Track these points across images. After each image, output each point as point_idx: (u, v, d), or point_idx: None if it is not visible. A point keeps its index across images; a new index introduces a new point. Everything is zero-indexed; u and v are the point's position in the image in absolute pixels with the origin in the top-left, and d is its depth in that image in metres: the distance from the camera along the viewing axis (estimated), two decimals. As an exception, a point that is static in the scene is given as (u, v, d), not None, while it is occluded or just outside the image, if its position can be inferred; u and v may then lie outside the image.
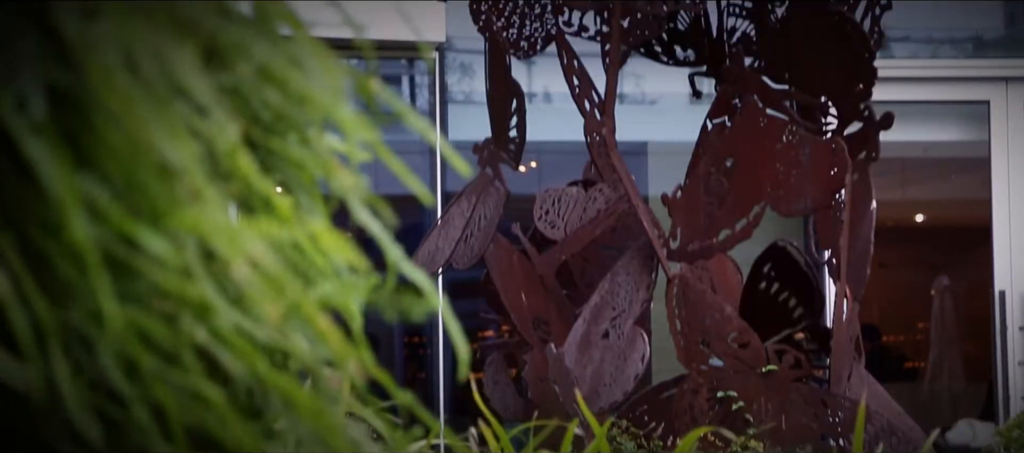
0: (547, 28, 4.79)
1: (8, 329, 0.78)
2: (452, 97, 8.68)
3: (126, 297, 0.83)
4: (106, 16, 0.80)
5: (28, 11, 0.78)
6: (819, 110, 4.40)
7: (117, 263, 0.81)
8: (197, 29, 0.91)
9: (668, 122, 8.78)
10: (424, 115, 8.42)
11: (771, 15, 4.56)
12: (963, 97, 8.40)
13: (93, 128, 0.79)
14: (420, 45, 7.56)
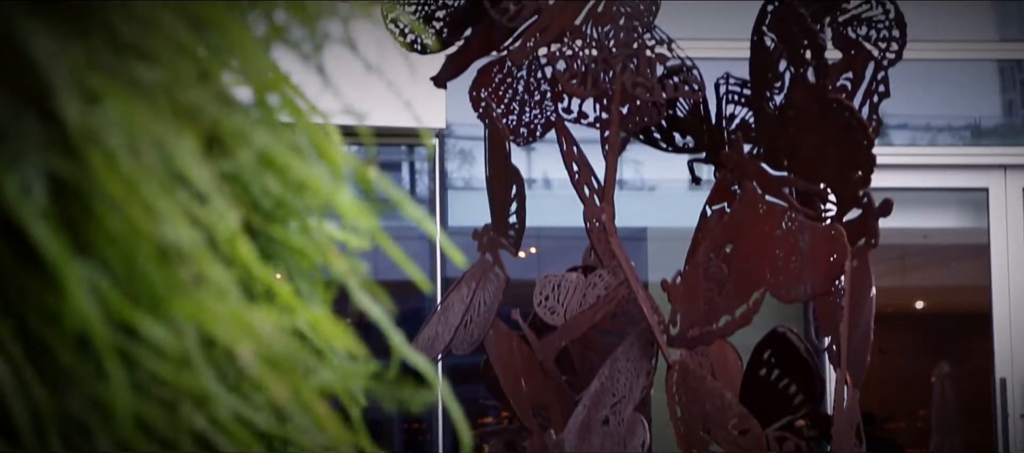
0: (546, 115, 4.81)
1: (7, 416, 0.77)
2: (452, 183, 8.70)
3: (126, 384, 0.83)
4: (108, 103, 0.81)
5: (30, 97, 0.79)
6: (818, 197, 4.41)
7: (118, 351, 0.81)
8: (198, 116, 0.92)
9: (667, 208, 8.80)
10: (424, 201, 8.43)
11: (770, 102, 4.59)
12: (962, 184, 8.42)
13: (93, 215, 0.79)
14: (420, 132, 7.59)
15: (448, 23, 4.69)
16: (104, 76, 0.82)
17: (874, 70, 4.59)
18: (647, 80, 4.51)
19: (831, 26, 4.63)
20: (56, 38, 0.81)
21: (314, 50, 1.16)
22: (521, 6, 4.40)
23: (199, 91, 0.93)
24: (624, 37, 4.50)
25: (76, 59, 0.81)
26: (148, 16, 0.90)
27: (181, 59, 0.93)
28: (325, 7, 1.15)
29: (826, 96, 4.25)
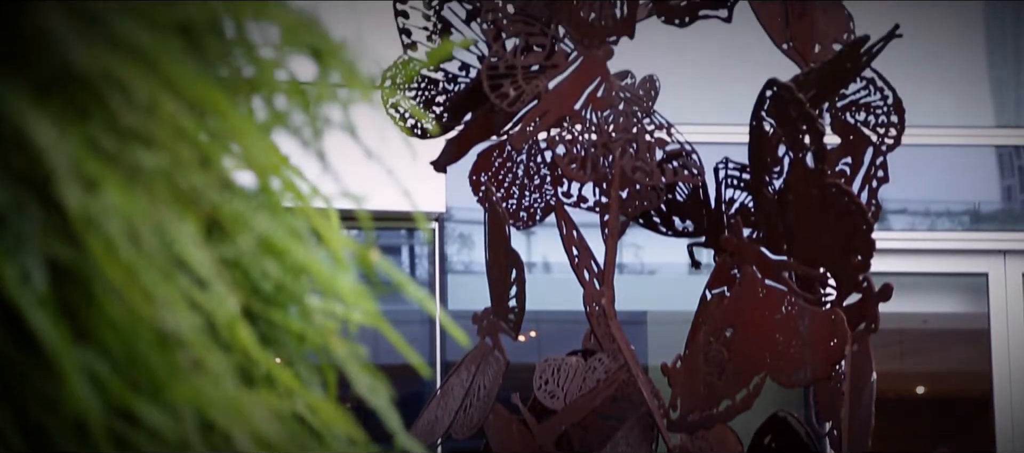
0: (546, 199, 4.82)
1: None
2: (452, 267, 8.70)
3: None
4: (108, 189, 0.81)
5: (30, 183, 0.79)
6: (818, 281, 4.41)
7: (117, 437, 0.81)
8: (199, 201, 0.92)
9: (667, 292, 8.79)
10: (424, 284, 8.43)
11: (769, 187, 4.60)
12: (961, 269, 8.42)
13: (94, 301, 0.79)
14: (417, 218, 7.59)
15: (448, 108, 4.71)
16: (104, 162, 0.82)
17: (873, 155, 4.60)
18: (646, 164, 4.52)
19: (830, 111, 4.65)
20: (57, 124, 0.81)
21: (314, 135, 1.17)
22: (521, 91, 4.42)
23: (200, 176, 0.94)
24: (624, 122, 4.52)
25: (76, 145, 0.81)
26: (149, 101, 0.90)
27: (182, 144, 0.93)
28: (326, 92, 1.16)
29: (825, 181, 4.26)
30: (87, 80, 0.84)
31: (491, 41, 4.43)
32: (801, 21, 4.65)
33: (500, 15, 4.42)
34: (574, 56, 4.51)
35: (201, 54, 1.04)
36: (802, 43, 4.65)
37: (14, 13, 0.80)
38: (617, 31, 4.47)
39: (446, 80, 4.72)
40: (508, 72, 4.41)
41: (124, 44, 0.86)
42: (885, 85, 4.63)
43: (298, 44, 1.12)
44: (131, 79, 0.86)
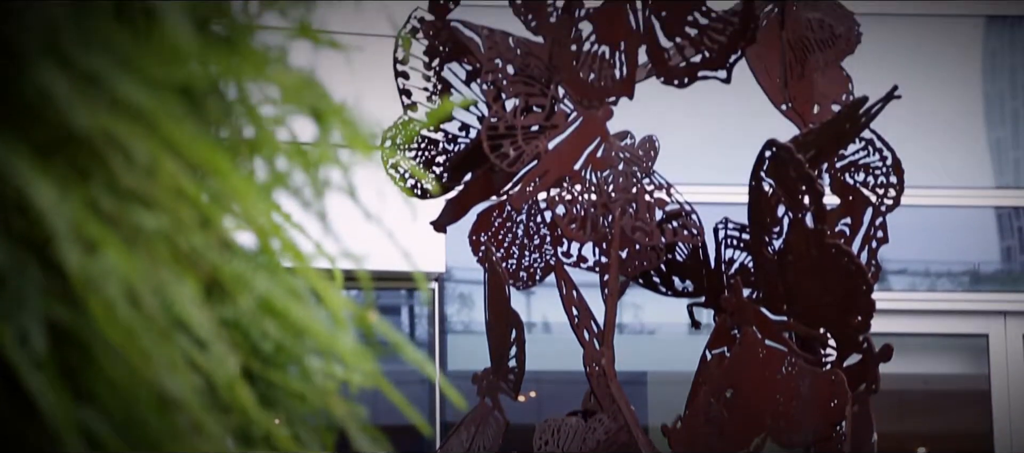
0: (546, 259, 4.82)
1: None
2: (451, 327, 8.69)
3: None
4: (108, 251, 0.81)
5: (30, 245, 0.79)
6: (818, 342, 4.40)
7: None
8: (199, 262, 0.92)
9: (667, 352, 8.78)
10: (423, 344, 8.42)
11: (769, 247, 4.60)
12: (962, 330, 8.41)
13: (93, 363, 0.79)
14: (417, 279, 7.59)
15: (448, 168, 4.72)
16: (104, 223, 0.83)
17: (872, 215, 4.60)
18: (646, 224, 4.52)
19: (829, 172, 4.65)
20: (57, 185, 0.81)
21: (315, 196, 1.17)
22: (520, 151, 4.43)
23: (200, 237, 0.94)
24: (623, 182, 4.53)
25: (77, 206, 0.81)
26: (149, 162, 0.90)
27: (182, 205, 0.94)
28: (326, 152, 1.16)
29: (825, 241, 4.26)
30: (88, 141, 0.84)
31: (491, 101, 4.45)
32: (800, 82, 4.67)
33: (500, 75, 4.43)
34: (574, 116, 4.52)
35: (202, 115, 1.04)
36: (801, 104, 4.67)
37: (15, 75, 0.80)
38: (616, 91, 4.48)
39: (446, 140, 4.73)
40: (508, 132, 4.42)
41: (125, 105, 0.86)
42: (884, 146, 4.64)
43: (298, 104, 1.12)
44: (132, 140, 0.86)
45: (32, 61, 0.80)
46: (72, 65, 0.82)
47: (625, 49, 4.43)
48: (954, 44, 9.27)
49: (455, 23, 4.54)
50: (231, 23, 1.13)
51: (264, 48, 1.14)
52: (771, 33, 4.64)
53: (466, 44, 4.54)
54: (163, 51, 0.87)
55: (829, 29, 4.78)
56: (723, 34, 4.38)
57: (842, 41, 4.80)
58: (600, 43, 4.43)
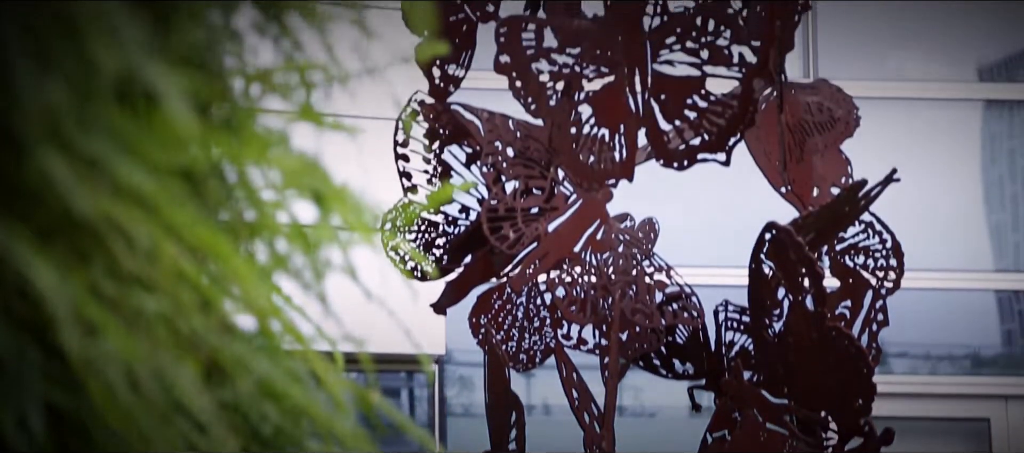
0: (546, 341, 4.81)
1: None
2: (451, 409, 8.66)
3: None
4: (108, 335, 0.81)
5: (30, 330, 0.79)
6: (819, 425, 4.39)
7: None
8: (199, 345, 0.92)
9: (668, 435, 8.74)
10: (423, 427, 8.38)
11: (769, 330, 4.59)
12: (963, 414, 8.38)
13: (93, 446, 0.79)
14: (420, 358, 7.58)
15: (448, 250, 4.72)
16: (105, 307, 0.83)
17: (872, 298, 4.60)
18: (646, 307, 4.52)
19: (829, 254, 4.66)
20: (58, 269, 0.81)
21: (315, 278, 1.17)
22: (520, 233, 4.43)
23: (200, 320, 0.94)
24: (623, 264, 4.53)
25: (77, 290, 0.81)
26: (150, 246, 0.90)
27: (182, 288, 0.94)
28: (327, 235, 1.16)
29: (825, 324, 4.26)
30: (89, 225, 0.84)
31: (491, 184, 4.46)
32: (799, 165, 4.68)
33: (500, 158, 4.44)
34: (574, 199, 4.53)
35: (203, 198, 1.04)
36: (800, 186, 4.68)
37: (17, 160, 0.81)
38: (616, 174, 4.49)
39: (446, 222, 4.74)
40: (508, 215, 4.42)
41: (126, 189, 0.86)
42: (884, 228, 4.65)
43: (299, 187, 1.12)
44: (132, 224, 0.86)
45: (34, 146, 0.81)
46: (73, 150, 0.82)
47: (625, 132, 4.44)
48: (953, 128, 9.31)
49: (455, 106, 4.56)
50: (233, 106, 1.14)
51: (266, 131, 1.14)
52: (770, 116, 4.66)
53: (466, 127, 4.56)
54: (164, 135, 0.88)
55: (828, 112, 4.81)
56: (722, 117, 4.40)
57: (841, 124, 4.82)
58: (600, 126, 4.45)
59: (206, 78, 1.02)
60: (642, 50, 4.42)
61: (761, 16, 4.35)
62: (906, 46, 9.41)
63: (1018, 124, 9.37)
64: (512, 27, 4.33)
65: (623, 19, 4.40)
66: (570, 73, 4.37)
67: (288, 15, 1.14)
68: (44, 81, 0.81)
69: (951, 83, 9.31)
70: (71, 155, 0.83)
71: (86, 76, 0.82)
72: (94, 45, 0.80)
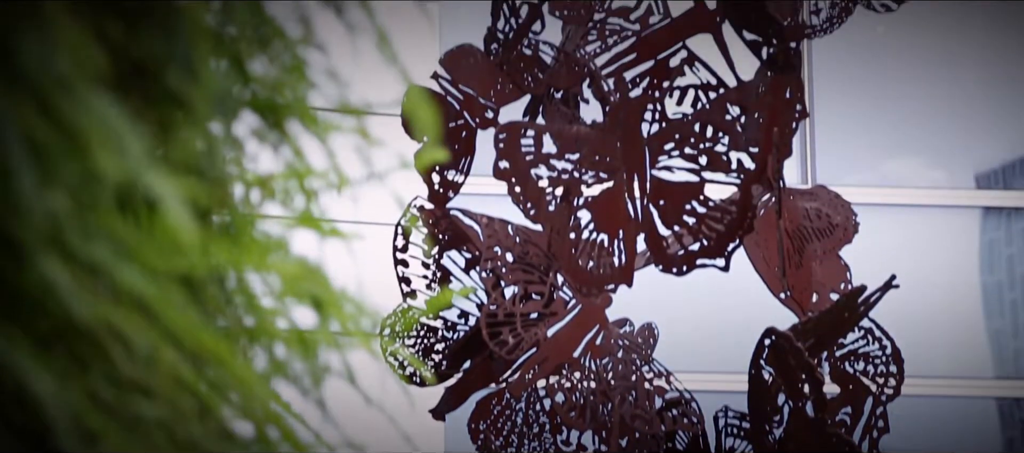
0: (546, 447, 4.79)
1: None
2: (449, 516, 8.59)
3: None
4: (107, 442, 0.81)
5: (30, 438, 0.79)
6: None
7: None
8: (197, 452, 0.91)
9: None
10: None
11: (769, 435, 4.58)
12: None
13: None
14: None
15: (447, 356, 4.71)
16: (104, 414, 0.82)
17: (873, 405, 4.58)
18: (646, 413, 4.51)
19: (829, 360, 4.65)
20: (57, 377, 0.81)
21: (314, 384, 1.17)
22: (520, 339, 4.43)
23: (198, 427, 0.93)
24: (622, 369, 4.52)
25: (77, 397, 0.81)
26: (149, 352, 0.91)
27: (181, 394, 0.93)
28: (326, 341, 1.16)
29: (825, 431, 4.24)
30: (88, 332, 0.84)
31: (490, 289, 4.46)
32: (798, 271, 4.68)
33: (499, 263, 4.45)
34: (573, 304, 4.53)
35: (202, 304, 1.05)
36: (799, 292, 4.68)
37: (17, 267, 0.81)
38: (615, 280, 4.49)
39: (445, 328, 4.73)
40: (507, 320, 4.42)
41: (126, 295, 0.87)
42: (883, 335, 4.64)
43: (298, 293, 1.13)
44: (132, 330, 0.86)
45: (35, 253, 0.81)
46: (74, 257, 0.83)
47: (624, 237, 4.45)
48: (951, 234, 9.33)
49: (454, 211, 4.57)
50: (233, 213, 1.14)
51: (265, 237, 1.15)
52: (769, 222, 4.67)
53: (465, 232, 4.57)
54: (165, 241, 0.88)
55: (826, 218, 4.82)
56: (721, 223, 4.41)
57: (840, 230, 4.83)
58: (599, 231, 4.46)
59: (206, 185, 1.03)
60: (641, 156, 4.45)
61: (759, 123, 4.37)
62: (904, 153, 9.45)
63: (1016, 231, 9.40)
64: (511, 133, 4.35)
65: (622, 125, 4.42)
66: (569, 179, 4.39)
67: (288, 122, 1.15)
68: (46, 189, 0.81)
69: (949, 190, 9.35)
70: (72, 262, 0.83)
71: (88, 184, 0.83)
72: (96, 153, 0.81)
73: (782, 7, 4.60)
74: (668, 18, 4.53)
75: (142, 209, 0.91)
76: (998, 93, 9.44)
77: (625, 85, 4.53)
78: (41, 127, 0.81)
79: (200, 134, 1.03)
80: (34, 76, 0.80)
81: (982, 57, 9.47)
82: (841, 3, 4.81)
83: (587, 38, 4.52)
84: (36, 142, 0.82)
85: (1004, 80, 9.45)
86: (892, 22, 6.39)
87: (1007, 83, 9.44)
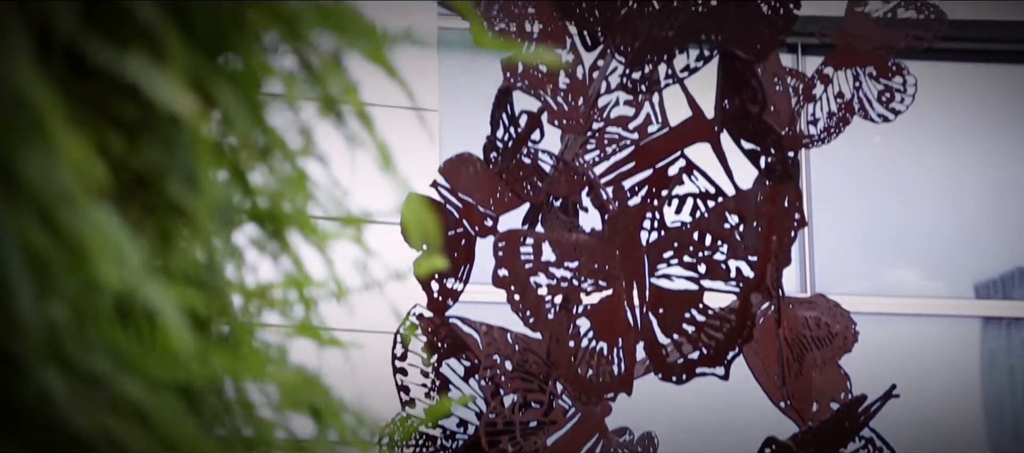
0: None
1: None
2: None
3: None
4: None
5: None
6: None
7: None
8: None
9: None
10: None
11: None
12: None
13: None
14: None
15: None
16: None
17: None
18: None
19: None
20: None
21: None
22: (519, 447, 4.41)
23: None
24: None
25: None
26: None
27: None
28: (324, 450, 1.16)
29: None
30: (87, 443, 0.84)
31: (489, 398, 4.45)
32: (798, 380, 4.68)
33: (498, 371, 4.44)
34: (572, 412, 4.52)
35: (201, 414, 1.04)
36: (799, 401, 4.67)
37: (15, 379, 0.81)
38: (615, 388, 4.48)
39: (444, 437, 4.72)
40: (506, 428, 4.41)
41: (124, 406, 0.86)
42: (884, 444, 4.63)
43: (297, 403, 1.12)
44: (131, 441, 0.86)
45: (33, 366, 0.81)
46: (73, 367, 0.83)
47: (623, 345, 4.45)
48: (951, 344, 9.32)
49: (453, 319, 4.57)
50: (232, 322, 1.14)
51: (264, 347, 1.15)
52: (768, 331, 4.67)
53: (464, 340, 4.57)
54: (163, 352, 0.88)
55: (826, 327, 4.82)
56: (721, 331, 4.41)
57: (839, 339, 4.82)
58: (598, 339, 4.46)
59: (205, 295, 1.03)
60: (640, 264, 4.45)
61: (758, 231, 4.39)
62: (903, 262, 9.47)
63: (1016, 341, 9.39)
64: (510, 241, 4.36)
65: (621, 233, 4.43)
66: (568, 287, 4.39)
67: (288, 232, 1.16)
68: (44, 300, 0.82)
69: (948, 299, 9.35)
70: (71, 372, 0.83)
71: (87, 295, 0.83)
72: (96, 264, 0.81)
73: (780, 117, 4.64)
74: (666, 127, 4.56)
75: (141, 320, 0.91)
76: (997, 203, 9.47)
77: (624, 193, 4.55)
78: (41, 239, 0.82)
79: (200, 244, 1.03)
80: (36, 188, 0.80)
81: (981, 167, 9.52)
82: (838, 113, 4.86)
83: (586, 147, 4.54)
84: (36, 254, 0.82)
85: (1003, 190, 9.48)
86: (889, 132, 6.43)
87: (1006, 193, 9.48)
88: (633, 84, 4.50)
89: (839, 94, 4.89)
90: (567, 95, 4.50)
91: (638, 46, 4.32)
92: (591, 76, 4.55)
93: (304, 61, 1.13)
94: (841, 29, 4.95)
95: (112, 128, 0.92)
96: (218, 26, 1.00)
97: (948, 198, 9.47)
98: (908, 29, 4.91)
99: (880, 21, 4.93)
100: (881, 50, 4.87)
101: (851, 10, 4.95)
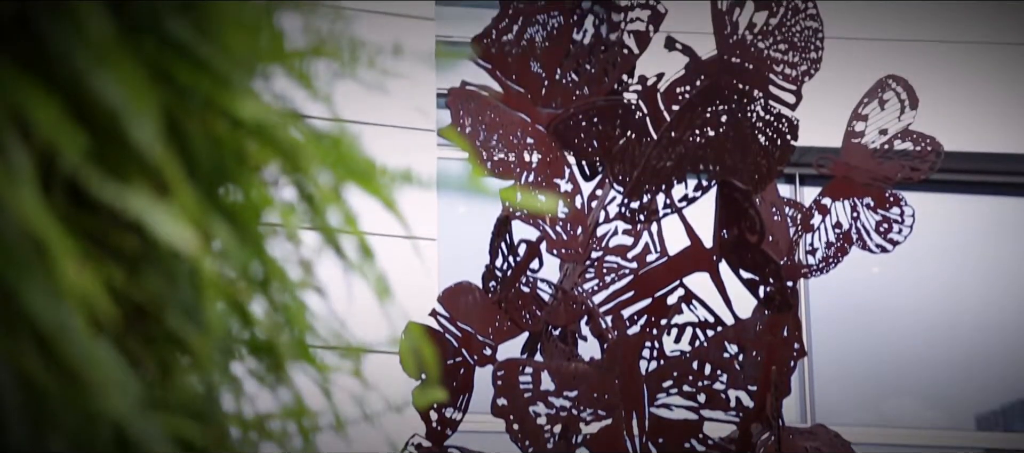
0: None
1: None
2: None
3: None
4: None
5: None
6: None
7: None
8: None
9: None
10: None
11: None
12: None
13: None
14: None
15: None
16: None
17: None
18: None
19: None
20: None
21: None
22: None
23: None
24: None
25: None
26: None
27: None
28: None
29: None
30: None
31: (488, 528, 4.42)
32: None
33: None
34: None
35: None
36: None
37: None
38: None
39: None
40: None
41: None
42: None
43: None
44: None
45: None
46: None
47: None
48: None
49: (452, 449, 4.56)
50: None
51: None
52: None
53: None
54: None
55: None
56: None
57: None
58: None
59: (203, 426, 1.03)
60: (639, 393, 4.44)
61: (757, 361, 4.38)
62: (903, 393, 9.44)
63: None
64: (509, 370, 4.35)
65: (620, 362, 4.42)
66: (567, 416, 4.38)
67: (288, 364, 1.16)
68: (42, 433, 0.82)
69: (949, 430, 9.31)
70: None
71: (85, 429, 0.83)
72: (93, 398, 0.81)
73: (778, 247, 4.65)
74: (665, 256, 4.57)
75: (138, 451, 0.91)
76: (998, 333, 9.45)
77: (623, 322, 4.55)
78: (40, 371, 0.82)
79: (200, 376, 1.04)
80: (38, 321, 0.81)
81: (981, 297, 9.52)
82: (836, 243, 4.87)
83: (585, 275, 4.55)
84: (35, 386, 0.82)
85: (1003, 322, 9.48)
86: (887, 262, 6.44)
87: (1007, 324, 9.47)
88: (632, 213, 4.52)
89: (837, 224, 4.90)
90: (566, 224, 4.52)
91: (636, 176, 4.34)
92: (590, 205, 4.57)
93: (304, 192, 1.14)
94: (839, 160, 4.98)
95: (113, 260, 0.93)
96: (220, 159, 1.01)
97: (948, 330, 9.46)
98: (906, 160, 4.94)
99: (878, 152, 4.96)
100: (879, 181, 4.90)
101: (849, 141, 4.98)
